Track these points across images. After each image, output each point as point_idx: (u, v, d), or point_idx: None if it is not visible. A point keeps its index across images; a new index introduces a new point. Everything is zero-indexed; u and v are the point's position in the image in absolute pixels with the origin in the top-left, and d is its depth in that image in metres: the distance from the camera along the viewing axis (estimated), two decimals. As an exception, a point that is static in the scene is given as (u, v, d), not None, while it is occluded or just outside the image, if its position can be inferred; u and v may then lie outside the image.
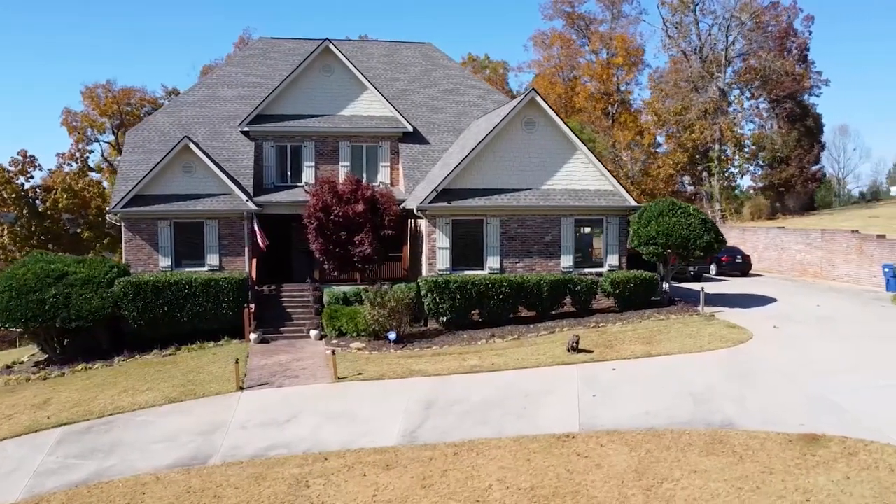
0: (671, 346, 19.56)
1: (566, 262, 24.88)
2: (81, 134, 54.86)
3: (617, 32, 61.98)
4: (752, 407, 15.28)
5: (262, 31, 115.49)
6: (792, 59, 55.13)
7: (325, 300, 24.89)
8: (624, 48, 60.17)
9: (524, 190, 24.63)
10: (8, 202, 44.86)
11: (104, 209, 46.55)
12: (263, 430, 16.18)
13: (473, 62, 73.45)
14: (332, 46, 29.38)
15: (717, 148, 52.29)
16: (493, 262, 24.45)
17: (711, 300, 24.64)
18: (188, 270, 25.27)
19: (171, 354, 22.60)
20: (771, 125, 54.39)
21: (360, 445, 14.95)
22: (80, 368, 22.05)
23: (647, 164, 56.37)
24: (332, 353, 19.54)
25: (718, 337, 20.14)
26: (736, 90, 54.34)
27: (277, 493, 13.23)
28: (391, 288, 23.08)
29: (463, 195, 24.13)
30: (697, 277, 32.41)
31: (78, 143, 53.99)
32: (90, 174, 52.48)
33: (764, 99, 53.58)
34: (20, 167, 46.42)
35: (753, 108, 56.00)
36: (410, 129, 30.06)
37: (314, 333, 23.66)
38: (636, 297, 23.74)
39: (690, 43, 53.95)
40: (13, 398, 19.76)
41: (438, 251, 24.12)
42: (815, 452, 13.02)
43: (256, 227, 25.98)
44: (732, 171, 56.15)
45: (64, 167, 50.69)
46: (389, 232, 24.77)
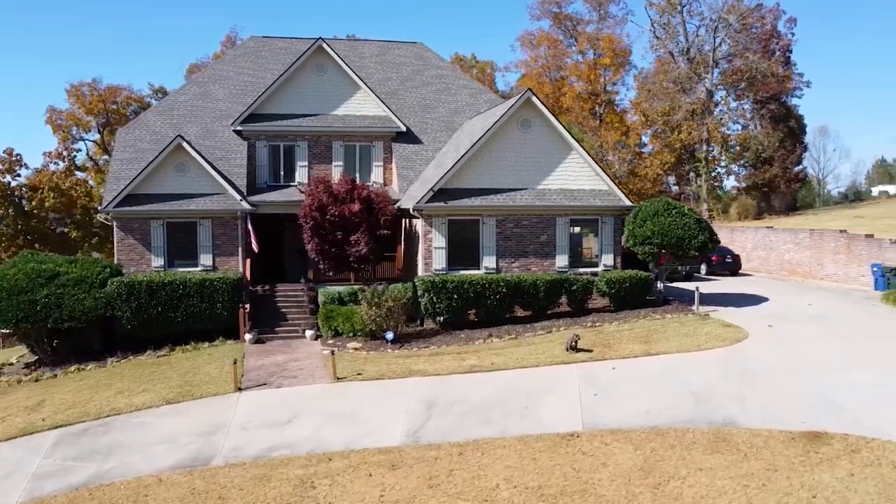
0: (669, 345, 19.69)
1: (561, 261, 24.96)
2: (66, 132, 54.19)
3: (604, 33, 62.26)
4: (752, 405, 15.41)
5: (249, 29, 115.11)
6: (775, 60, 55.73)
7: (320, 300, 24.79)
8: (611, 49, 60.43)
9: (520, 190, 24.68)
10: (-6, 201, 44.34)
11: (91, 208, 46.15)
12: (264, 430, 16.09)
13: (461, 62, 73.45)
14: (325, 46, 29.28)
15: (704, 148, 52.74)
16: (489, 261, 24.48)
17: (705, 299, 24.82)
18: (181, 270, 25.07)
19: (165, 355, 22.41)
20: (754, 126, 54.92)
21: (363, 446, 14.91)
22: (72, 370, 21.81)
23: (634, 164, 56.71)
24: (331, 353, 19.46)
25: (715, 336, 20.30)
26: (722, 91, 54.87)
27: (283, 494, 13.16)
28: (387, 288, 23.03)
29: (459, 195, 24.14)
30: (688, 277, 32.65)
31: (63, 141, 53.37)
32: (77, 173, 51.85)
33: (749, 100, 54.08)
34: (7, 166, 45.79)
35: (739, 109, 56.56)
36: (403, 128, 30.03)
37: (310, 333, 23.56)
38: (631, 296, 23.87)
39: (678, 44, 54.38)
40: (5, 400, 19.51)
41: (434, 251, 24.11)
42: (817, 450, 13.16)
43: (250, 228, 25.84)
44: (719, 171, 56.67)
45: (50, 166, 50.09)
46: (385, 232, 24.75)
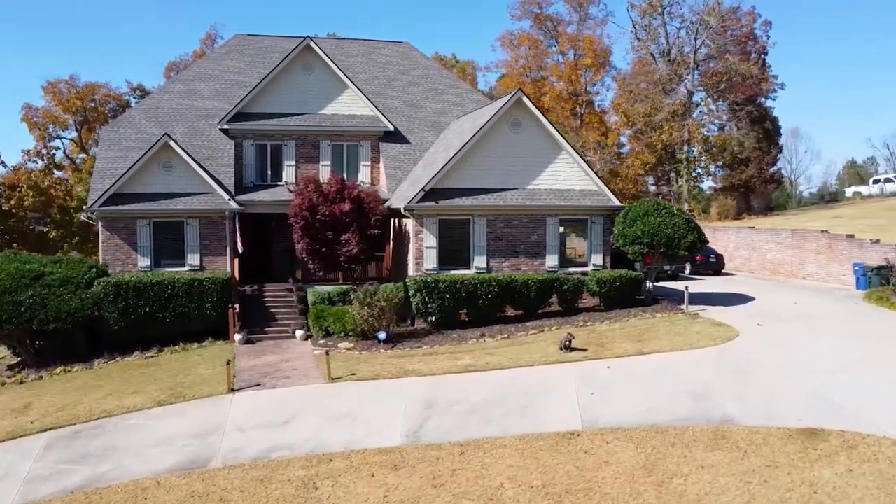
0: (662, 343, 19.86)
1: (551, 261, 25.07)
2: (43, 130, 53.26)
3: (585, 34, 62.63)
4: (749, 403, 15.61)
5: (230, 27, 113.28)
6: (752, 62, 56.43)
7: (309, 300, 24.63)
8: (592, 49, 60.80)
9: (510, 190, 24.74)
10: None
11: (69, 207, 45.42)
12: (262, 431, 15.96)
13: (442, 62, 73.44)
14: (313, 45, 29.12)
15: (685, 149, 53.29)
16: (479, 261, 24.51)
17: (692, 299, 25.03)
18: (168, 271, 24.77)
19: (153, 356, 22.15)
20: (730, 127, 55.54)
21: (364, 446, 14.86)
22: (58, 371, 21.47)
23: (615, 164, 57.13)
24: (326, 353, 19.37)
25: (706, 335, 20.52)
26: (702, 92, 55.40)
27: (286, 495, 13.07)
28: (378, 288, 22.96)
29: (449, 195, 24.14)
30: (674, 276, 32.98)
31: (40, 139, 52.41)
32: (55, 172, 50.95)
33: (727, 101, 54.71)
34: (-17, 164, 44.90)
35: (717, 110, 57.17)
36: (391, 128, 29.96)
37: (300, 334, 23.42)
38: (621, 296, 24.04)
39: (658, 45, 54.85)
40: (-9, 403, 19.14)
41: (426, 251, 24.09)
42: (816, 446, 13.37)
43: (237, 229, 25.63)
44: (699, 171, 57.29)
45: (28, 164, 49.21)
46: (375, 231, 24.68)
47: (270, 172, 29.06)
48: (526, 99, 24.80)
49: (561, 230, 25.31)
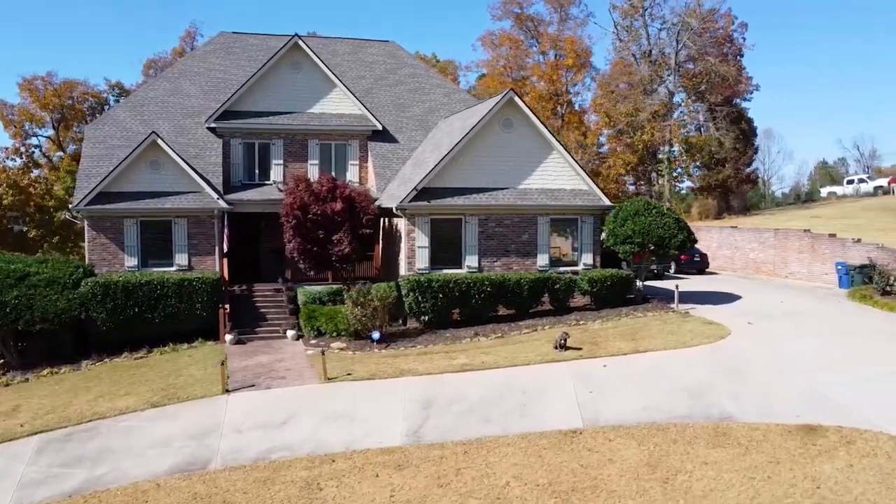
0: (656, 342, 20.03)
1: (542, 260, 25.17)
2: (19, 128, 52.25)
3: (565, 34, 62.98)
4: (746, 400, 15.81)
5: (210, 25, 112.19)
6: (731, 63, 57.14)
7: (299, 300, 24.48)
8: (573, 50, 61.19)
9: (501, 189, 24.80)
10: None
11: (47, 206, 44.64)
12: (260, 432, 15.83)
13: (422, 62, 73.40)
14: (301, 43, 28.94)
15: (666, 149, 53.81)
16: (471, 260, 24.54)
17: (681, 297, 25.24)
18: (156, 270, 24.48)
19: (142, 357, 21.85)
20: (706, 127, 56.13)
21: (365, 446, 14.80)
22: (45, 373, 21.08)
23: (596, 164, 57.51)
24: (322, 353, 19.24)
25: (699, 333, 20.74)
26: (682, 93, 56.00)
27: (290, 496, 12.97)
28: (371, 287, 22.88)
29: (441, 194, 24.13)
30: (659, 276, 33.27)
31: (16, 137, 51.41)
32: (34, 171, 49.99)
33: (707, 102, 55.31)
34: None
35: (697, 110, 57.79)
36: (379, 127, 29.88)
37: (291, 334, 23.26)
38: (613, 295, 24.20)
39: (640, 46, 55.33)
40: (-24, 406, 18.74)
41: (418, 250, 24.05)
42: (815, 442, 13.58)
43: (226, 228, 25.39)
44: (680, 171, 57.91)
45: (7, 162, 48.18)
46: (367, 231, 24.59)
47: (258, 171, 28.83)
48: (517, 99, 24.88)
49: (552, 230, 25.41)
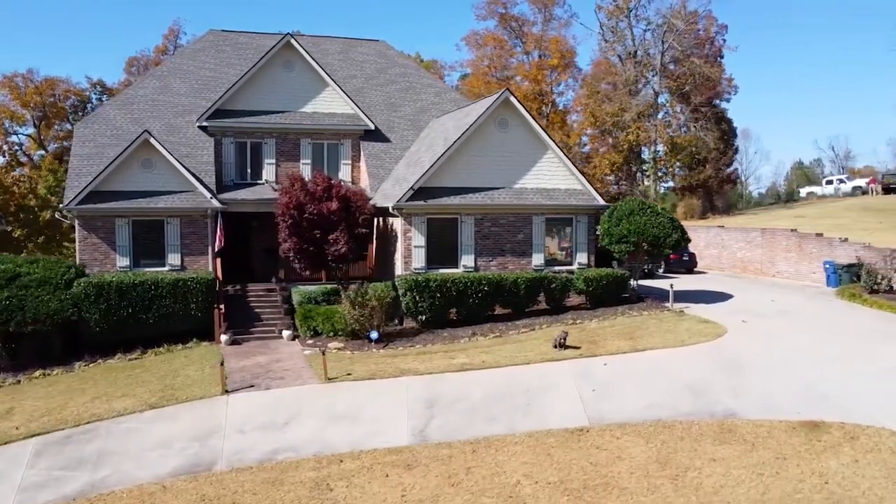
0: (654, 341, 20.18)
1: (537, 260, 25.24)
2: (-1, 125, 51.48)
3: (550, 35, 63.28)
4: (747, 397, 15.99)
5: (193, 23, 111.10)
6: (713, 64, 57.74)
7: (295, 300, 24.34)
8: (558, 50, 61.51)
9: (497, 189, 24.83)
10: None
11: (29, 206, 43.94)
12: (263, 433, 15.73)
13: (412, 61, 73.34)
14: (293, 41, 28.75)
15: (652, 149, 54.24)
16: (467, 260, 24.54)
17: (674, 296, 25.50)
18: (148, 270, 24.19)
19: (137, 358, 21.57)
20: (687, 128, 56.65)
21: (372, 446, 14.76)
22: (37, 375, 20.72)
23: (582, 165, 57.79)
24: (322, 353, 19.13)
25: (696, 332, 20.92)
26: (667, 93, 56.42)
27: (301, 497, 12.91)
28: (368, 287, 22.81)
29: (437, 194, 24.11)
30: (650, 275, 33.52)
31: (-3, 135, 50.59)
32: (17, 169, 49.13)
33: (691, 104, 55.81)
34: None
35: (682, 110, 58.29)
36: (372, 126, 29.78)
37: (287, 334, 23.11)
38: (608, 294, 24.32)
39: (626, 47, 55.69)
40: (-32, 409, 18.40)
41: (414, 249, 24.01)
42: (819, 438, 13.77)
43: (220, 228, 25.16)
44: (665, 171, 58.39)
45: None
46: (363, 230, 24.49)
47: (250, 171, 28.60)
48: (513, 98, 24.91)
49: (547, 229, 25.48)
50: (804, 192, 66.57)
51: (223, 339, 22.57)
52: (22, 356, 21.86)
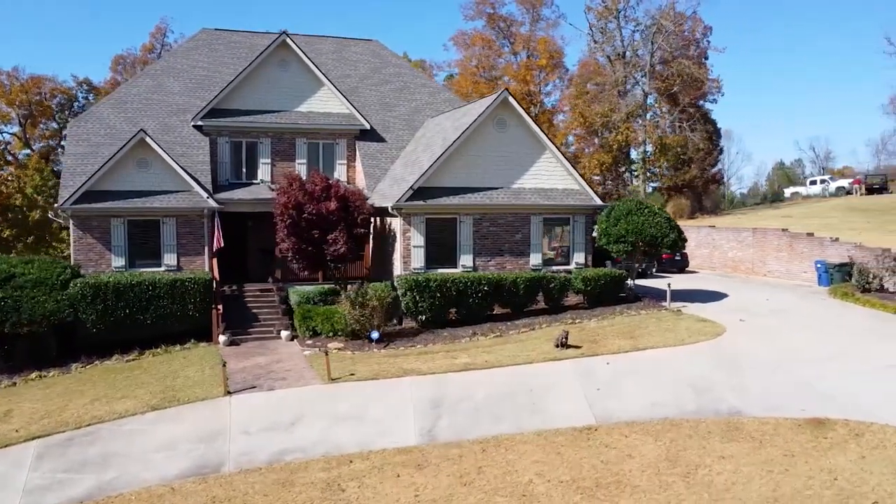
0: (654, 339, 20.31)
1: (535, 259, 25.31)
2: (-17, 124, 50.82)
3: (538, 35, 63.52)
4: (751, 395, 16.15)
5: (181, 21, 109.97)
6: (698, 66, 58.20)
7: (293, 300, 24.23)
8: (547, 50, 61.75)
9: (495, 189, 24.88)
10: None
11: (15, 205, 43.37)
12: (269, 434, 15.65)
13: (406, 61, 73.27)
14: (289, 41, 28.63)
15: (641, 150, 54.56)
16: (466, 260, 24.57)
17: (671, 295, 25.70)
18: (144, 271, 23.99)
19: (135, 359, 21.38)
20: (673, 128, 57.07)
21: (381, 446, 14.74)
22: (33, 377, 20.47)
23: (572, 164, 58.04)
24: (325, 353, 19.08)
25: (695, 331, 21.08)
26: (655, 94, 56.78)
27: (313, 498, 12.86)
28: (367, 287, 22.76)
29: (436, 194, 24.11)
30: (643, 274, 33.70)
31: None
32: (3, 168, 48.47)
33: (679, 104, 56.22)
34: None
35: (670, 111, 58.70)
36: (367, 126, 29.73)
37: (285, 334, 23.02)
38: (606, 294, 24.45)
39: (615, 48, 56.00)
40: (-36, 412, 18.14)
41: (413, 249, 24.00)
42: (825, 435, 13.94)
43: (217, 226, 25.00)
44: (654, 171, 58.77)
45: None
46: (362, 230, 24.45)
47: (246, 171, 28.45)
48: (512, 99, 24.96)
49: (545, 229, 25.57)
50: (789, 192, 67.18)
51: (221, 339, 22.43)
52: (17, 358, 21.60)
